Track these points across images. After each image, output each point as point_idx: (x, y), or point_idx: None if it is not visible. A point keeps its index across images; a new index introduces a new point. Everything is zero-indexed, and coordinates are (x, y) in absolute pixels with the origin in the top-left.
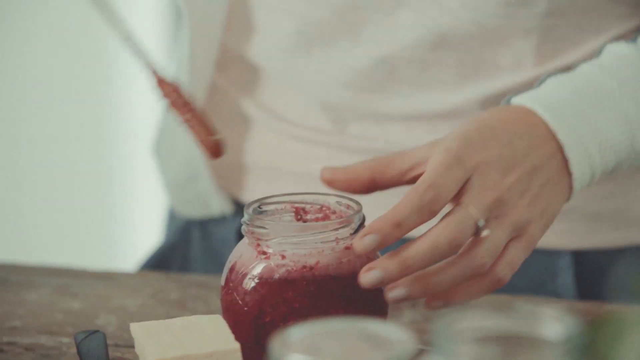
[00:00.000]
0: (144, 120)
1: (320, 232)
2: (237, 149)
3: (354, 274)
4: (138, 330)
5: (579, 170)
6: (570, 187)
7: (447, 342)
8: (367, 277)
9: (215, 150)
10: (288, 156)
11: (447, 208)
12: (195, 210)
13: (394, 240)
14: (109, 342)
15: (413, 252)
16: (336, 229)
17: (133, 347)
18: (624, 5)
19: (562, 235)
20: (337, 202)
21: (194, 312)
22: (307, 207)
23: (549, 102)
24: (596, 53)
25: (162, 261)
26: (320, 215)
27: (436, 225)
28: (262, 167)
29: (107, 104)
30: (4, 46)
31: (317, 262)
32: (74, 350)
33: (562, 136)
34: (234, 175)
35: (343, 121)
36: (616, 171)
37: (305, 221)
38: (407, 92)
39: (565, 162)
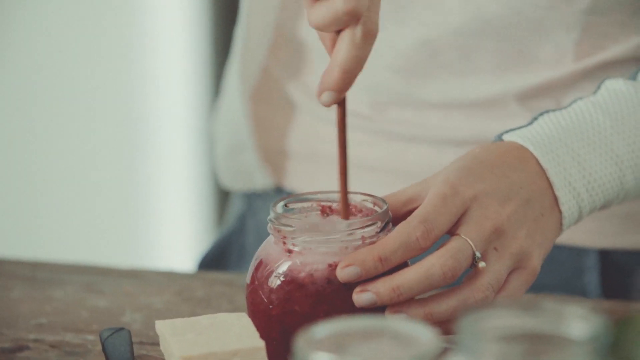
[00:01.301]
0: (172, 116)
1: (346, 231)
2: (282, 135)
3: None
4: (163, 327)
5: (568, 209)
6: (560, 223)
7: (472, 341)
8: (360, 298)
9: None
10: (327, 142)
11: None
12: (239, 183)
13: (376, 273)
14: (134, 339)
15: (406, 280)
16: (362, 228)
17: (158, 344)
18: None
19: (590, 234)
20: (364, 200)
21: (218, 309)
22: (334, 205)
23: (539, 140)
24: (594, 90)
25: (220, 253)
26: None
27: (432, 254)
28: (304, 153)
29: (134, 101)
30: (29, 37)
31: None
32: (99, 347)
33: (551, 175)
34: (278, 161)
35: (381, 105)
36: (605, 208)
37: (332, 219)
38: (447, 78)
39: (555, 198)
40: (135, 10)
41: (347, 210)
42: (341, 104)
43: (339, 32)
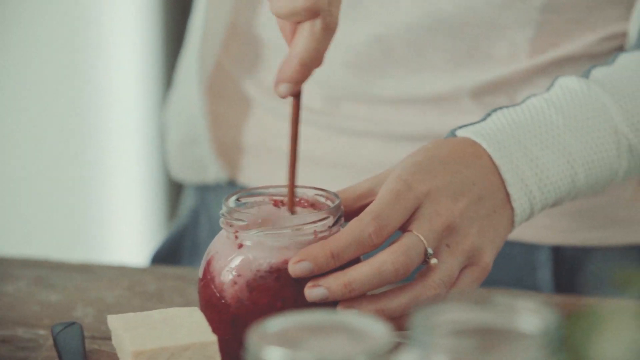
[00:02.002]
0: (126, 112)
1: (298, 225)
2: (236, 129)
3: None
4: (115, 322)
5: (520, 206)
6: (512, 220)
7: (424, 335)
8: (312, 293)
9: None
10: (282, 137)
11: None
12: (192, 175)
13: (328, 269)
14: (86, 334)
15: (358, 276)
16: (314, 222)
17: (110, 339)
18: (615, 7)
19: (542, 230)
20: (316, 194)
21: (171, 304)
22: (286, 199)
23: (492, 136)
24: (547, 87)
25: (173, 248)
26: (299, 208)
27: (384, 250)
28: (258, 148)
29: (83, 94)
30: None
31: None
32: (50, 342)
33: (504, 172)
34: (232, 155)
35: (335, 100)
36: (557, 205)
37: (284, 213)
38: (401, 74)
39: (507, 195)
40: None
41: (293, 203)
42: (297, 96)
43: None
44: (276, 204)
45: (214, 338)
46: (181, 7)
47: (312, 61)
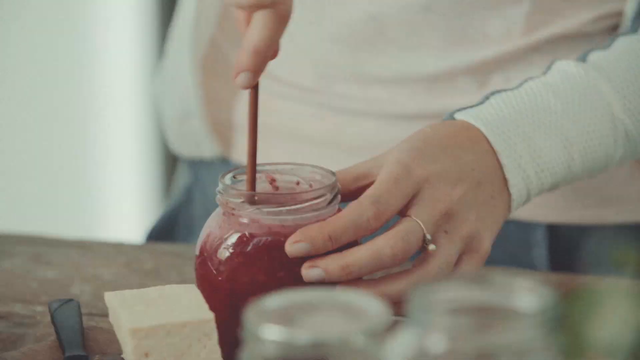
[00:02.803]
0: (122, 88)
1: (295, 203)
2: (229, 106)
3: None
4: (112, 299)
5: (517, 191)
6: (509, 206)
7: (422, 314)
8: (309, 274)
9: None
10: (274, 114)
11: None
12: (187, 149)
13: (325, 251)
14: (83, 311)
15: (356, 259)
16: (311, 200)
17: (107, 316)
18: None
19: (538, 208)
20: (313, 172)
21: (167, 281)
22: (283, 177)
23: (491, 120)
24: (545, 70)
25: (168, 225)
26: (295, 186)
27: (383, 235)
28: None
29: (84, 75)
30: None
31: (292, 232)
32: (48, 319)
33: (502, 157)
34: (225, 131)
35: (328, 79)
36: (552, 190)
37: (280, 191)
38: (395, 54)
39: (505, 180)
40: None
41: (253, 189)
42: (254, 87)
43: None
44: (272, 181)
45: (211, 315)
46: None
47: (267, 50)
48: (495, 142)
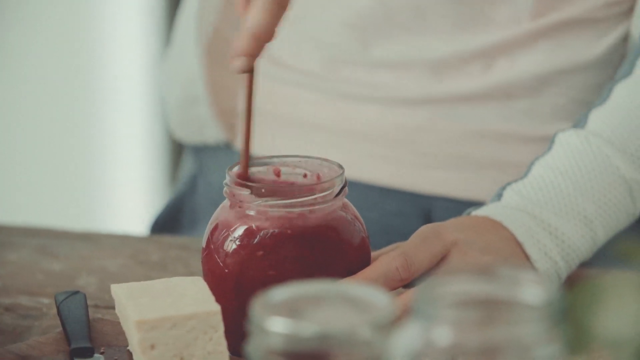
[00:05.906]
0: (128, 80)
1: (302, 195)
2: (234, 94)
3: (336, 237)
4: (119, 291)
5: (547, 277)
6: None
7: (427, 306)
8: None
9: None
10: (280, 101)
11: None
12: (191, 134)
13: None
14: (89, 303)
15: None
16: (318, 192)
17: (113, 308)
18: None
19: None
20: (320, 164)
21: (174, 273)
22: (290, 169)
23: (511, 215)
24: (549, 144)
25: (172, 216)
26: (302, 178)
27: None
28: (256, 114)
29: (90, 67)
30: None
31: (299, 225)
32: (54, 310)
33: (527, 249)
34: (230, 119)
35: (335, 63)
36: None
37: (287, 184)
38: (402, 38)
39: (534, 268)
40: None
41: (247, 173)
42: (251, 72)
43: None
44: (280, 173)
45: (217, 308)
46: None
47: (265, 34)
48: (519, 234)
